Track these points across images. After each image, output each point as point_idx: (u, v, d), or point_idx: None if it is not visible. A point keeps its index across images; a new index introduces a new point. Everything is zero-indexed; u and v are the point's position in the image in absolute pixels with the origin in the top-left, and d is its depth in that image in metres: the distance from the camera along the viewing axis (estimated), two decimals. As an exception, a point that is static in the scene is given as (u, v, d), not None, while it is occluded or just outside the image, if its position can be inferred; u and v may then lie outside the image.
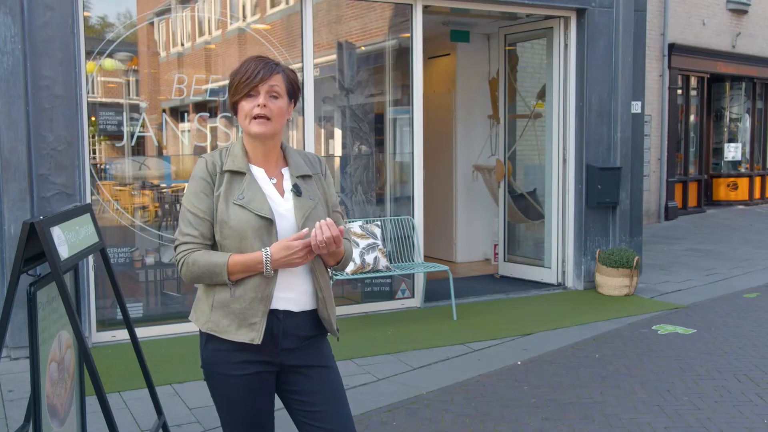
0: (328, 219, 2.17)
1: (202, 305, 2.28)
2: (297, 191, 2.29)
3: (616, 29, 7.42)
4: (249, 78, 2.18)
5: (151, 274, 6.22)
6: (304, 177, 2.35)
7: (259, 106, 2.19)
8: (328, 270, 2.39)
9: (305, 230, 2.16)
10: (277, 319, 2.24)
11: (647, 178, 12.63)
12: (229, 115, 6.07)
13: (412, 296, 6.93)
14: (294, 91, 2.29)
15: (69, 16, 5.23)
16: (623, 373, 4.87)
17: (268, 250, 2.16)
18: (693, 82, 14.95)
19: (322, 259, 2.32)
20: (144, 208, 6.25)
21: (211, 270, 2.17)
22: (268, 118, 2.21)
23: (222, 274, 2.16)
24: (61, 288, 2.51)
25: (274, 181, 2.30)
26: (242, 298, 2.19)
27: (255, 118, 2.21)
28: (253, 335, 2.19)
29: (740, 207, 16.09)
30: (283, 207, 2.26)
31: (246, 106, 2.21)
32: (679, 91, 14.17)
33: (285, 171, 2.34)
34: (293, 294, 2.27)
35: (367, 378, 4.82)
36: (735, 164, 16.41)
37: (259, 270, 2.17)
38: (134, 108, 6.06)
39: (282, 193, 2.30)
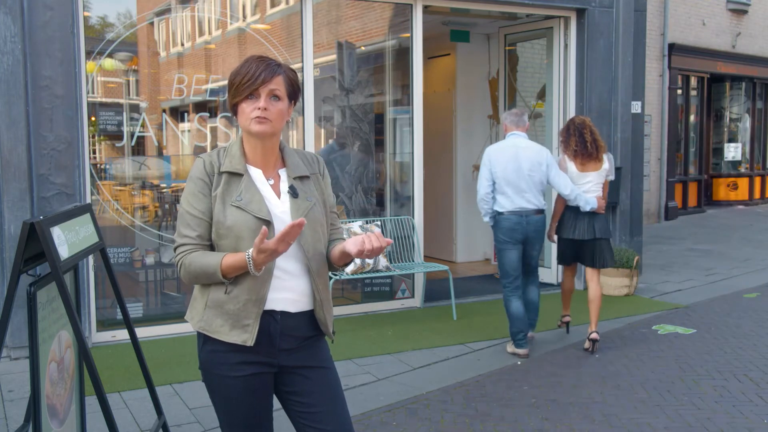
0: (376, 230, 2.18)
1: (197, 305, 2.28)
2: (293, 193, 2.29)
3: (616, 29, 7.42)
4: (250, 80, 2.17)
5: (151, 274, 6.22)
6: (301, 178, 2.34)
7: (259, 108, 2.19)
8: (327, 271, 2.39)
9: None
10: (274, 320, 2.24)
11: (647, 178, 12.63)
12: (229, 115, 6.08)
13: (412, 296, 6.93)
14: (294, 92, 2.29)
15: (69, 16, 5.23)
16: (623, 373, 4.87)
17: (249, 252, 2.10)
18: (693, 82, 14.95)
19: (330, 260, 2.33)
20: (144, 208, 6.25)
21: (205, 270, 2.17)
22: (268, 120, 2.21)
23: (216, 274, 2.16)
24: (61, 288, 2.51)
25: (272, 182, 2.30)
26: (236, 299, 2.19)
27: (255, 119, 2.21)
28: (246, 337, 2.19)
29: (740, 207, 16.09)
30: (280, 209, 2.26)
31: (247, 108, 2.21)
32: (679, 91, 14.17)
33: (282, 172, 2.33)
34: (291, 295, 2.26)
35: (367, 378, 4.82)
36: (735, 164, 16.41)
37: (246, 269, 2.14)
38: (134, 108, 6.06)
39: (279, 194, 2.29)
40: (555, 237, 5.62)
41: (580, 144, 5.41)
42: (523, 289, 5.40)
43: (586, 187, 5.38)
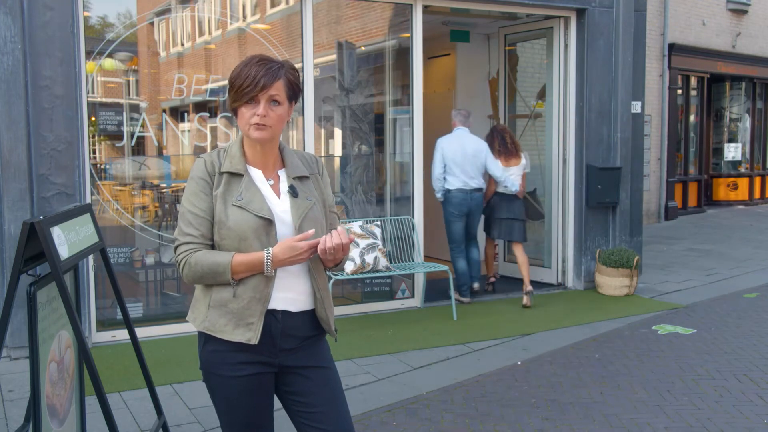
0: (339, 227, 2.20)
1: (200, 305, 2.28)
2: (293, 192, 2.30)
3: (616, 29, 7.42)
4: (250, 86, 2.17)
5: (151, 274, 6.22)
6: (301, 178, 2.35)
7: (258, 115, 2.19)
8: (327, 270, 2.39)
9: (311, 231, 2.17)
10: (275, 319, 2.24)
11: (647, 178, 12.63)
12: (229, 115, 6.08)
13: (412, 296, 6.93)
14: (295, 93, 2.29)
15: (69, 16, 5.23)
16: (623, 373, 4.87)
17: (269, 250, 2.16)
18: (693, 82, 14.94)
19: (321, 260, 2.33)
20: (144, 208, 6.25)
21: (214, 269, 2.17)
22: (267, 126, 2.22)
23: (225, 273, 2.16)
24: (61, 288, 2.51)
25: (272, 182, 2.31)
26: (241, 297, 2.20)
27: (254, 125, 2.21)
28: (250, 335, 2.19)
29: (740, 207, 16.08)
30: (280, 208, 2.27)
31: (246, 113, 2.21)
32: (679, 91, 14.17)
33: (282, 173, 2.35)
34: (291, 294, 2.27)
35: (367, 378, 4.82)
36: (735, 164, 16.41)
37: (262, 270, 2.17)
38: (134, 108, 6.06)
39: (279, 194, 2.30)
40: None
41: (502, 145, 7.01)
42: (467, 251, 6.97)
43: (511, 179, 6.97)
